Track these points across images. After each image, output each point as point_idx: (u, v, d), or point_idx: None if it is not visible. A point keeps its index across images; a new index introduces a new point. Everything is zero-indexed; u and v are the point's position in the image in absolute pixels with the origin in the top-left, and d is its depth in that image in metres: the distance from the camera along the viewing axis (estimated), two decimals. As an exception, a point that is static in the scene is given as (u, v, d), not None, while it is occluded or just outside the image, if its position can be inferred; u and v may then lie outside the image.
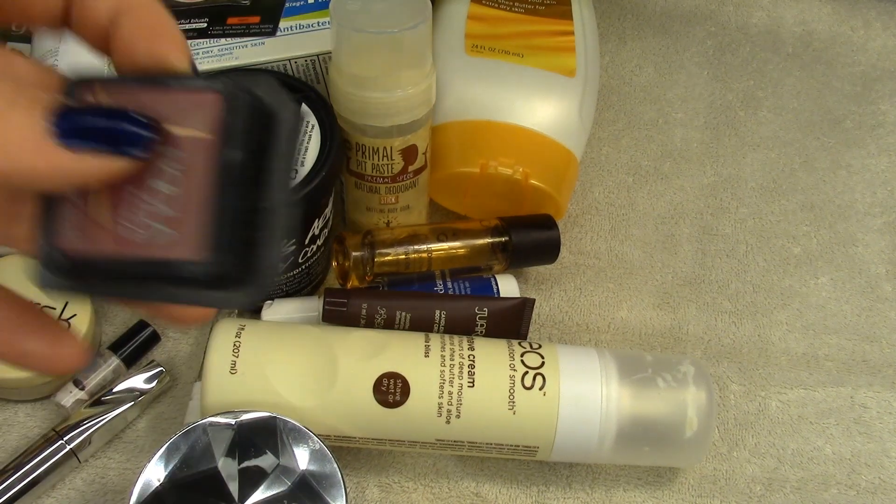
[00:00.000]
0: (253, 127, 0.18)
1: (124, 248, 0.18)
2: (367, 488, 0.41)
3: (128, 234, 0.18)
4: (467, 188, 0.46)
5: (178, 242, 0.17)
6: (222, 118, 0.18)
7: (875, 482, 0.42)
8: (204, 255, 0.17)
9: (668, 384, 0.38)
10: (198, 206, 0.17)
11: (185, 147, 0.18)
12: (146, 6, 0.21)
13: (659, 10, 0.63)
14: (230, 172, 0.18)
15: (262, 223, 0.18)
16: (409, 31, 0.37)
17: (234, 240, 0.18)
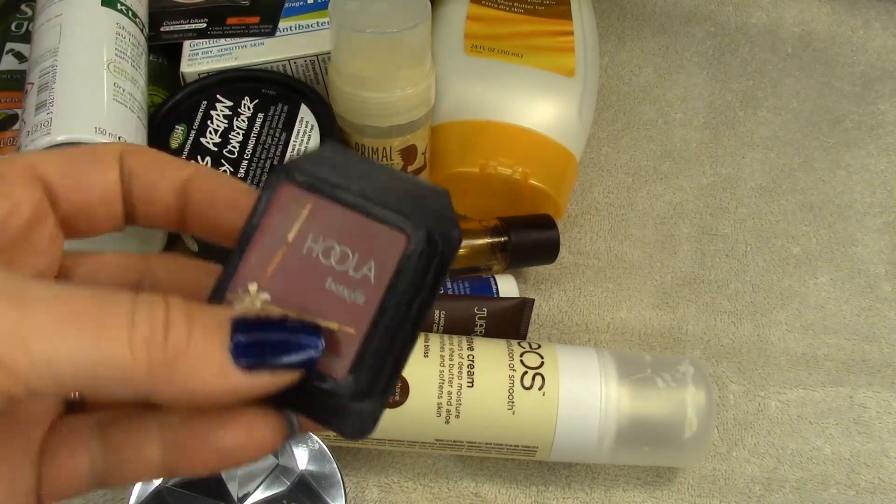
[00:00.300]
0: (425, 267, 0.19)
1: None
2: (366, 488, 0.41)
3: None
4: (467, 188, 0.46)
5: (332, 361, 0.19)
6: (402, 260, 0.19)
7: (874, 482, 0.42)
8: (348, 379, 0.19)
9: (668, 384, 0.38)
10: (364, 328, 0.19)
11: (364, 283, 0.19)
12: (210, 174, 0.21)
13: (658, 10, 0.63)
14: (397, 309, 0.19)
15: (403, 349, 0.19)
16: (409, 32, 0.37)
17: (378, 364, 0.19)
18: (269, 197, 0.20)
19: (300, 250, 0.19)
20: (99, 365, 0.16)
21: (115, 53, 0.39)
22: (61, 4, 0.39)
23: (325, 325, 0.19)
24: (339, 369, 0.19)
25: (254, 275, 0.19)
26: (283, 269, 0.19)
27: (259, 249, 0.20)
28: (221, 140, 0.40)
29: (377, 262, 0.19)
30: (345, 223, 0.19)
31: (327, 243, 0.19)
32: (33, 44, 0.39)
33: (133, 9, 0.42)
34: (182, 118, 0.41)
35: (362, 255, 0.19)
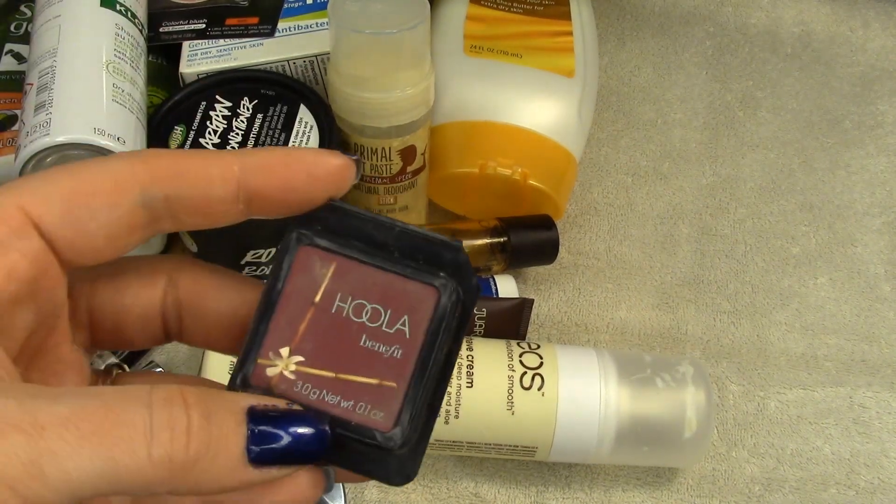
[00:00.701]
0: (455, 319, 0.20)
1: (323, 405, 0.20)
2: (366, 488, 0.41)
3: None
4: (466, 189, 0.46)
5: (377, 413, 0.19)
6: (435, 314, 0.20)
7: (874, 482, 0.42)
8: (396, 431, 0.19)
9: (667, 384, 0.38)
10: (405, 380, 0.20)
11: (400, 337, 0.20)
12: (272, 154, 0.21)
13: (658, 10, 0.63)
14: (435, 361, 0.20)
15: (439, 395, 0.20)
16: (408, 32, 0.37)
17: (420, 414, 0.20)
18: (291, 261, 0.20)
19: (329, 310, 0.20)
20: (117, 477, 0.16)
21: (115, 54, 0.39)
22: (60, 5, 0.39)
23: (364, 380, 0.19)
24: (383, 423, 0.19)
25: (284, 339, 0.20)
26: (314, 331, 0.20)
27: (286, 313, 0.20)
28: (220, 141, 0.40)
29: (411, 317, 0.20)
30: (372, 281, 0.20)
31: (357, 301, 0.20)
32: (32, 44, 0.39)
33: (132, 9, 0.42)
34: (181, 119, 0.41)
35: (395, 312, 0.20)
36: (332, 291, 0.20)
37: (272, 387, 0.19)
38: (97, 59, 0.38)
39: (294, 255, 0.20)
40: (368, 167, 0.43)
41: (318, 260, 0.20)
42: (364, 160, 0.42)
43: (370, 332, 0.20)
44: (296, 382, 0.19)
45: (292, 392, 0.19)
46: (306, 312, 0.20)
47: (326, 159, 0.20)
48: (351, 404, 0.19)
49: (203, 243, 0.41)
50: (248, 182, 0.20)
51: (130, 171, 0.19)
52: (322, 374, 0.19)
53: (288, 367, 0.19)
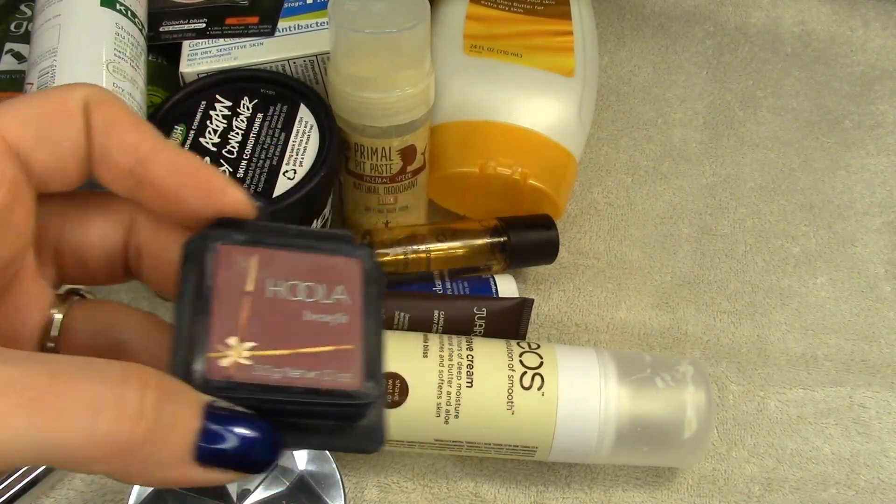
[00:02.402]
0: (379, 285, 0.22)
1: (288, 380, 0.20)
2: (365, 488, 0.41)
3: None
4: (466, 188, 0.46)
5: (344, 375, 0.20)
6: (366, 278, 0.21)
7: (874, 482, 0.42)
8: (369, 384, 0.20)
9: (667, 384, 0.38)
10: (358, 339, 0.20)
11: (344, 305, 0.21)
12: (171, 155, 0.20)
13: (658, 10, 0.63)
14: (376, 317, 0.21)
15: (384, 350, 0.21)
16: (408, 32, 0.37)
17: (380, 368, 0.21)
18: (213, 259, 0.20)
19: (264, 296, 0.20)
20: (52, 450, 0.16)
21: (115, 53, 0.39)
22: (60, 5, 0.39)
23: (322, 349, 0.20)
24: (353, 382, 0.20)
25: (228, 330, 0.19)
26: (256, 317, 0.20)
27: (222, 306, 0.20)
28: (220, 140, 0.40)
29: (345, 286, 0.21)
30: (298, 263, 0.21)
31: (290, 283, 0.21)
32: (32, 44, 0.39)
33: (132, 9, 0.42)
34: (181, 118, 0.41)
35: (329, 285, 0.21)
36: (262, 279, 0.20)
37: (231, 377, 0.19)
38: (97, 58, 0.38)
39: (214, 252, 0.20)
40: (368, 167, 0.43)
41: (238, 255, 0.20)
42: (363, 160, 0.42)
43: (311, 306, 0.20)
44: (253, 367, 0.19)
45: (253, 376, 0.19)
46: (243, 302, 0.20)
47: (230, 192, 0.20)
48: (316, 374, 0.19)
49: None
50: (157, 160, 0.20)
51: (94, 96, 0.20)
52: (278, 354, 0.19)
53: (241, 355, 0.19)
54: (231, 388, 0.19)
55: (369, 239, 0.43)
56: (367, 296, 0.21)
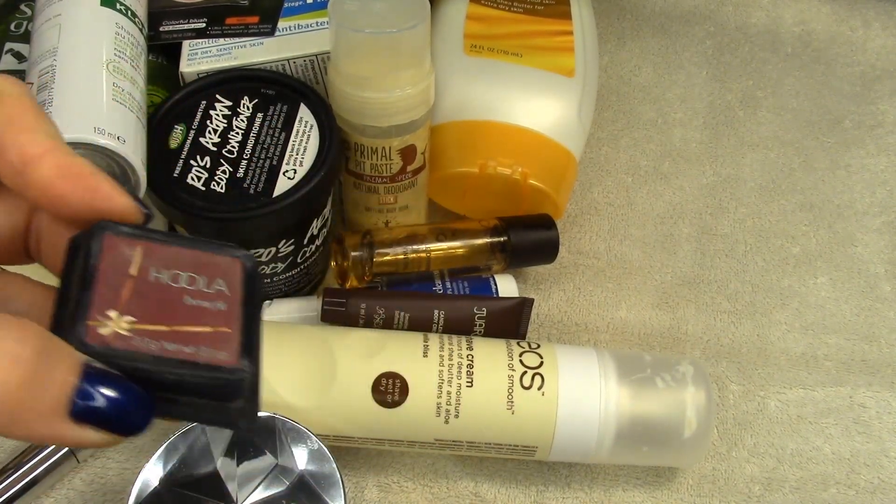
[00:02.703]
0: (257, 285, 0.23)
1: (165, 351, 0.20)
2: (366, 488, 0.41)
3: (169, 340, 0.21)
4: (466, 188, 0.46)
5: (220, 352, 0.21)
6: (248, 274, 0.23)
7: (874, 482, 0.42)
8: (244, 362, 0.21)
9: (667, 384, 0.38)
10: (236, 324, 0.22)
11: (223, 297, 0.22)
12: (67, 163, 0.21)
13: (658, 10, 0.63)
14: (256, 308, 0.23)
15: (260, 343, 0.22)
16: (408, 31, 0.37)
17: (256, 353, 0.22)
18: (99, 245, 0.21)
19: (147, 280, 0.21)
20: None
21: (115, 53, 0.38)
22: (60, 4, 0.39)
23: (199, 329, 0.21)
24: (229, 359, 0.21)
25: (109, 303, 0.20)
26: (138, 296, 0.21)
27: (105, 284, 0.21)
28: (220, 140, 0.40)
29: (226, 280, 0.22)
30: (182, 256, 0.22)
31: (172, 272, 0.22)
32: (32, 44, 0.39)
33: (132, 8, 0.42)
34: (181, 118, 0.41)
35: (210, 277, 0.22)
36: (146, 266, 0.21)
37: (109, 343, 0.20)
38: (97, 58, 0.38)
39: (100, 239, 0.21)
40: (369, 167, 0.43)
41: (124, 245, 0.21)
42: (363, 160, 0.42)
43: (191, 293, 0.22)
44: (132, 338, 0.20)
45: (131, 345, 0.20)
46: (125, 282, 0.21)
47: (118, 198, 0.21)
48: (192, 349, 0.20)
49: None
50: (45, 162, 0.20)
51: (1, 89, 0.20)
52: (157, 329, 0.20)
53: (120, 326, 0.20)
54: (108, 354, 0.19)
55: (370, 238, 0.43)
56: (246, 290, 0.22)
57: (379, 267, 0.43)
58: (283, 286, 0.44)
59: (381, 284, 0.44)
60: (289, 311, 0.43)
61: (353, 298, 0.41)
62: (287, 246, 0.41)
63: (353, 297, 0.41)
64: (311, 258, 0.43)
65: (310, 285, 0.46)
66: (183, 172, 0.39)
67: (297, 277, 0.44)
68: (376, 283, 0.44)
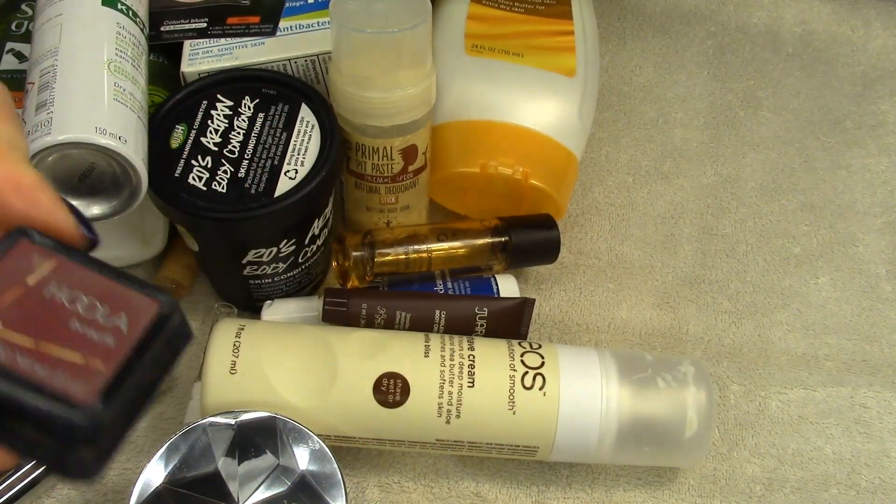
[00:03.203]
0: (170, 345, 0.21)
1: (16, 366, 0.19)
2: (367, 488, 0.41)
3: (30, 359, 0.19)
4: (467, 188, 0.45)
5: (77, 385, 0.19)
6: (158, 318, 0.21)
7: (875, 482, 0.42)
8: (98, 405, 0.19)
9: (668, 384, 0.38)
10: (114, 364, 0.19)
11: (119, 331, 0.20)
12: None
13: (659, 10, 0.63)
14: (150, 359, 0.20)
15: (141, 404, 0.20)
16: (409, 31, 0.37)
17: (124, 401, 0.19)
18: (8, 245, 0.20)
19: (40, 293, 0.20)
20: None
21: (116, 53, 0.38)
22: (61, 4, 0.39)
23: (66, 354, 0.19)
24: (84, 396, 0.19)
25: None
26: (21, 304, 0.20)
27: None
28: (222, 140, 0.40)
29: (129, 317, 0.20)
30: (94, 282, 0.21)
31: (74, 293, 0.20)
32: (33, 43, 0.39)
33: (133, 8, 0.42)
34: (182, 118, 0.40)
35: (113, 309, 0.20)
36: (48, 281, 0.20)
37: None
38: (98, 58, 0.38)
39: (13, 242, 0.20)
40: (370, 167, 0.43)
41: (38, 255, 0.21)
42: (365, 159, 0.42)
43: (83, 319, 0.20)
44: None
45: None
46: (15, 289, 0.20)
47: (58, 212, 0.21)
48: (47, 373, 0.19)
49: (204, 242, 0.41)
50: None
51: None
52: (19, 341, 0.19)
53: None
54: None
55: (370, 238, 0.43)
56: (147, 335, 0.20)
57: (380, 267, 0.43)
58: (284, 286, 0.44)
59: (382, 284, 0.44)
60: (290, 311, 0.43)
61: (355, 298, 0.41)
62: (288, 246, 0.41)
63: (354, 297, 0.41)
64: (312, 258, 0.43)
65: (311, 285, 0.46)
66: (184, 172, 0.39)
67: (299, 277, 0.44)
68: (377, 283, 0.44)
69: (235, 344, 0.37)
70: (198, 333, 0.45)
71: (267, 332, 0.38)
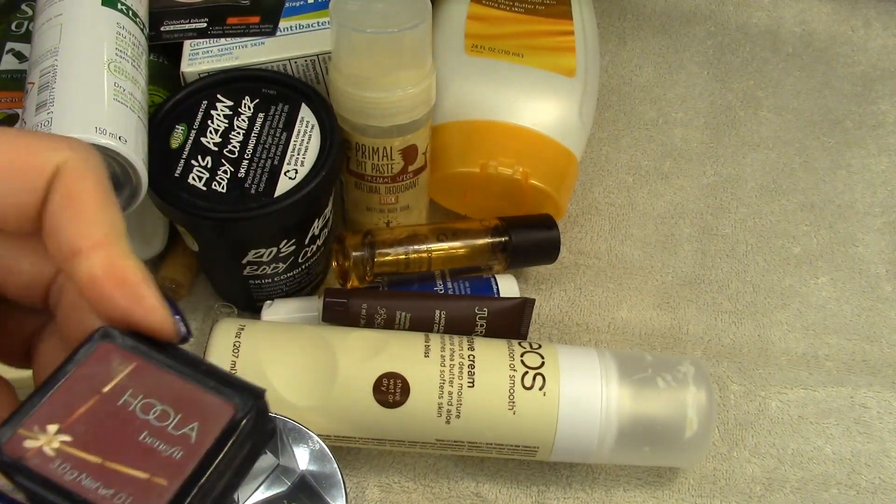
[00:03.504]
0: (245, 448, 0.20)
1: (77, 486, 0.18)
2: (367, 488, 0.41)
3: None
4: (467, 188, 0.45)
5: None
6: (230, 425, 0.19)
7: (875, 482, 0.42)
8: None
9: (668, 384, 0.38)
10: (178, 481, 0.18)
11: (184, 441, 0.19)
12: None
13: (659, 10, 0.63)
14: (217, 470, 0.19)
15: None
16: (409, 31, 0.37)
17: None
18: (89, 350, 0.20)
19: (114, 402, 0.19)
20: None
21: (116, 53, 0.38)
22: (62, 4, 0.39)
23: (132, 473, 0.19)
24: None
25: (55, 416, 0.19)
26: (91, 417, 0.19)
27: (67, 393, 0.19)
28: (222, 140, 0.40)
29: (201, 426, 0.19)
30: (170, 386, 0.20)
31: (148, 401, 0.19)
32: (33, 43, 0.39)
33: (133, 8, 0.42)
34: (182, 118, 0.40)
35: (186, 417, 0.19)
36: (124, 387, 0.19)
37: (25, 458, 0.18)
38: (98, 58, 0.38)
39: (94, 346, 0.20)
40: (370, 167, 0.43)
41: (117, 357, 0.20)
42: (365, 160, 0.42)
43: (154, 429, 0.19)
44: (54, 460, 0.18)
45: (45, 469, 0.18)
46: (89, 398, 0.19)
47: (159, 314, 0.20)
48: (111, 493, 0.18)
49: (204, 242, 0.41)
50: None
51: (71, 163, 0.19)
52: (87, 458, 0.18)
53: (50, 444, 0.18)
54: (15, 468, 0.18)
55: (371, 238, 0.43)
56: (218, 442, 0.19)
57: (380, 267, 0.43)
58: (284, 286, 0.44)
59: (382, 284, 0.44)
60: (290, 312, 0.43)
61: (355, 298, 0.41)
62: (288, 246, 0.41)
63: (354, 298, 0.41)
64: (312, 258, 0.43)
65: (311, 285, 0.46)
66: (184, 172, 0.39)
67: (299, 277, 0.44)
68: (377, 284, 0.44)
69: (235, 344, 0.37)
70: (197, 333, 0.45)
71: (267, 332, 0.38)
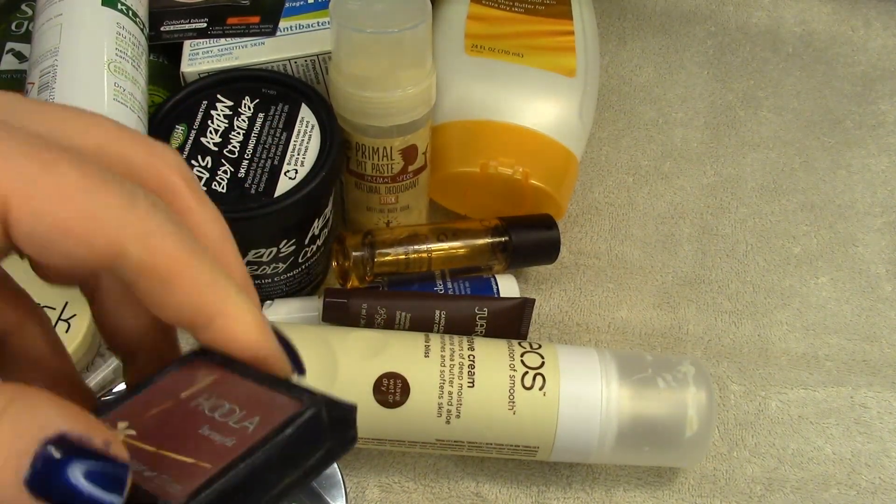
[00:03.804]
0: (310, 439, 0.19)
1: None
2: (367, 488, 0.41)
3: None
4: (467, 188, 0.46)
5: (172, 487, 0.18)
6: (288, 419, 0.19)
7: (875, 482, 0.42)
8: (183, 500, 0.17)
9: (669, 384, 0.38)
10: (222, 464, 0.18)
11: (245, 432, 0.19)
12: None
13: (659, 10, 0.63)
14: (265, 459, 0.18)
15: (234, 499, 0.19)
16: (409, 31, 0.37)
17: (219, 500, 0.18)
18: (183, 363, 0.20)
19: (186, 405, 0.20)
20: None
21: (116, 53, 0.39)
22: (62, 4, 0.39)
23: (181, 458, 0.19)
24: (175, 493, 0.18)
25: (130, 415, 0.19)
26: (162, 415, 0.19)
27: (148, 397, 0.20)
28: (222, 140, 0.40)
29: (262, 418, 0.19)
30: (244, 390, 0.20)
31: (218, 402, 0.20)
32: (33, 44, 0.39)
33: (133, 8, 0.42)
34: (182, 118, 0.41)
35: (250, 413, 0.19)
36: (201, 393, 0.20)
37: None
38: (98, 58, 0.38)
39: (187, 361, 0.20)
40: (370, 167, 0.43)
41: (204, 369, 0.20)
42: (365, 160, 0.42)
43: (215, 424, 0.19)
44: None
45: None
46: (166, 402, 0.20)
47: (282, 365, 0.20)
48: (154, 475, 0.18)
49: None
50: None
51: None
52: (144, 448, 0.19)
53: (116, 437, 0.19)
54: None
55: (371, 238, 0.43)
56: (273, 434, 0.19)
57: (380, 267, 0.43)
58: (284, 286, 0.44)
59: (382, 284, 0.44)
60: (290, 311, 0.43)
61: (355, 298, 0.41)
62: (288, 246, 0.41)
63: (354, 297, 0.41)
64: (312, 258, 0.43)
65: (311, 285, 0.46)
66: (184, 172, 0.39)
67: (299, 277, 0.44)
68: (377, 284, 0.44)
69: (235, 344, 0.37)
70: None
71: (267, 332, 0.38)
